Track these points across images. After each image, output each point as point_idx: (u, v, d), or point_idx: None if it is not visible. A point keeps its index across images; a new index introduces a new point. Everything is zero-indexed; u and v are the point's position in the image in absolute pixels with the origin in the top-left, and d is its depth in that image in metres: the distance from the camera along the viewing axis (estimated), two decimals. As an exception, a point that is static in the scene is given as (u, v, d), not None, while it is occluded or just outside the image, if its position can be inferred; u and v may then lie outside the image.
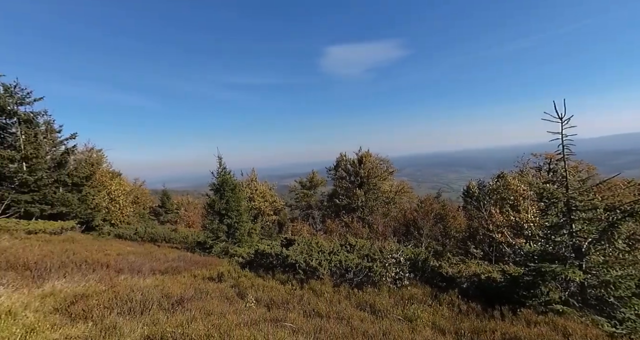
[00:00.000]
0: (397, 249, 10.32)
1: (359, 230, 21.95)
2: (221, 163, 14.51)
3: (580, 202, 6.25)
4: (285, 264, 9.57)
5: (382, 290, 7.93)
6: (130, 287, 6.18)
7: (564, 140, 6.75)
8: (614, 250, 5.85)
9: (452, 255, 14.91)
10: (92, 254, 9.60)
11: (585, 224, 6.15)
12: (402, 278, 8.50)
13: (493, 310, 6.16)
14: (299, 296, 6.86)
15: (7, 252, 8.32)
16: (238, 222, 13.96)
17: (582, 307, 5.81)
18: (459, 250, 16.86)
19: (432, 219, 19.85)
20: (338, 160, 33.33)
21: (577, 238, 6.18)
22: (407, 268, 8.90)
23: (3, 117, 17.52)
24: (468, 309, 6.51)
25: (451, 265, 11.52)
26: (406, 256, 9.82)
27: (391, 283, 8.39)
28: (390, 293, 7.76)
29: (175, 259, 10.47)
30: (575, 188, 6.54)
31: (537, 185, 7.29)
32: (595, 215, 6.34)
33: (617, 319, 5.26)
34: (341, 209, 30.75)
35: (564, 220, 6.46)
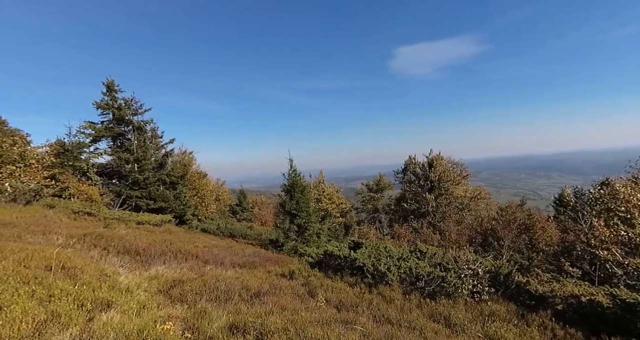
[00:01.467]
0: (474, 260, 9.49)
1: (428, 237, 20.81)
2: (292, 165, 15.21)
3: None
4: (353, 266, 9.59)
5: (458, 302, 7.39)
6: (215, 277, 6.91)
7: None
8: None
9: (542, 272, 13.00)
10: (184, 245, 11.02)
11: None
12: (481, 292, 7.79)
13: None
14: (367, 300, 6.82)
15: (124, 239, 10.07)
16: (307, 222, 14.48)
17: None
18: (549, 266, 14.65)
19: (515, 229, 17.69)
20: (406, 163, 32.11)
21: None
22: (486, 281, 8.12)
23: (122, 125, 21.40)
24: (565, 335, 5.65)
25: (541, 283, 10.07)
26: (485, 268, 8.96)
27: (468, 296, 7.76)
28: (467, 307, 7.19)
29: (251, 255, 11.36)
30: None
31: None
32: None
33: None
34: (409, 214, 29.52)
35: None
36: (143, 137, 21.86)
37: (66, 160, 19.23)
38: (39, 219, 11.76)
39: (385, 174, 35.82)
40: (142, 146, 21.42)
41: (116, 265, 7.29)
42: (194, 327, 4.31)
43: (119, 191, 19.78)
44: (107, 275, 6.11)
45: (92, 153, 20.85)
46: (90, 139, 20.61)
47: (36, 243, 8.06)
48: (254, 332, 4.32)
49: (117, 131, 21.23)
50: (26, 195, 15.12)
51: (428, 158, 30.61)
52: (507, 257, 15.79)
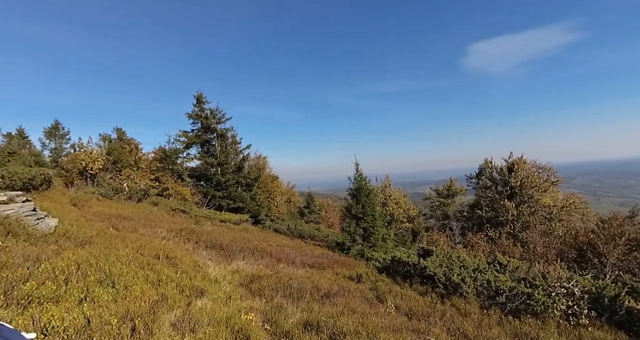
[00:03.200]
0: (568, 277, 8.17)
1: (508, 248, 18.58)
2: (358, 169, 15.24)
3: None
4: (423, 275, 9.13)
5: (548, 324, 6.45)
6: (288, 275, 7.29)
7: None
8: None
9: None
10: (259, 243, 11.89)
11: None
12: (578, 314, 6.67)
13: None
14: (440, 311, 6.43)
15: (210, 235, 11.33)
16: (373, 226, 14.29)
17: None
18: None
19: (623, 244, 14.63)
20: (482, 167, 29.31)
21: None
22: (584, 303, 6.92)
23: (208, 133, 24.21)
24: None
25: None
26: (583, 288, 7.64)
27: (561, 318, 6.71)
28: (560, 330, 6.25)
29: (319, 256, 11.69)
30: None
31: None
32: None
33: None
34: (485, 222, 26.79)
35: None
36: (225, 143, 24.39)
37: (166, 165, 22.56)
38: (147, 214, 14.03)
39: (457, 178, 33.23)
40: (224, 151, 23.91)
41: (205, 258, 8.26)
42: (272, 321, 4.64)
43: (206, 192, 22.37)
44: (199, 266, 6.99)
45: (185, 158, 24.06)
46: (183, 146, 23.82)
47: (146, 235, 9.64)
48: (327, 332, 4.45)
49: (204, 138, 24.12)
50: (138, 194, 18.18)
51: (508, 162, 27.44)
52: (611, 277, 13.16)
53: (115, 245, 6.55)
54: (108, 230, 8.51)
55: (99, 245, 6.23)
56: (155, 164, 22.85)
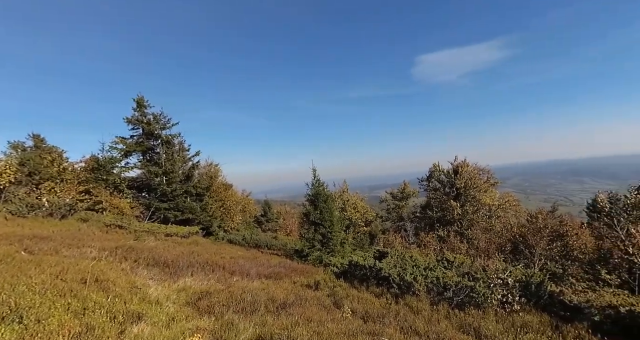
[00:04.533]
0: (503, 269, 9.21)
1: (456, 246, 20.23)
2: (315, 175, 15.46)
3: None
4: (379, 276, 9.57)
5: (488, 313, 7.20)
6: (242, 289, 7.11)
7: None
8: None
9: (576, 281, 12.30)
10: (211, 256, 11.40)
11: None
12: (512, 302, 7.56)
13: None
14: (394, 311, 6.81)
15: (153, 251, 10.53)
16: (331, 232, 14.59)
17: None
18: (585, 275, 13.82)
19: (547, 236, 16.87)
20: (431, 170, 31.61)
21: None
22: (517, 291, 7.87)
23: (151, 140, 22.57)
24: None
25: (576, 293, 9.57)
26: (515, 277, 8.68)
27: (498, 306, 7.55)
28: (497, 318, 7.00)
29: (276, 265, 11.58)
30: None
31: None
32: None
33: None
34: (435, 222, 28.85)
35: None
36: (171, 151, 22.94)
37: (99, 175, 20.45)
38: (73, 233, 12.54)
39: (410, 181, 35.35)
40: (170, 159, 22.49)
41: (146, 278, 7.66)
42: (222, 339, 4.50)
43: (149, 204, 20.78)
44: (137, 288, 6.45)
45: (123, 167, 22.07)
46: (121, 154, 21.79)
47: (71, 256, 8.59)
48: (281, 344, 4.46)
49: (146, 145, 22.39)
50: (62, 209, 16.16)
51: (453, 165, 29.98)
52: (539, 265, 15.07)
53: (26, 272, 5.76)
54: (18, 255, 7.42)
55: (3, 274, 5.43)
56: (85, 174, 20.64)
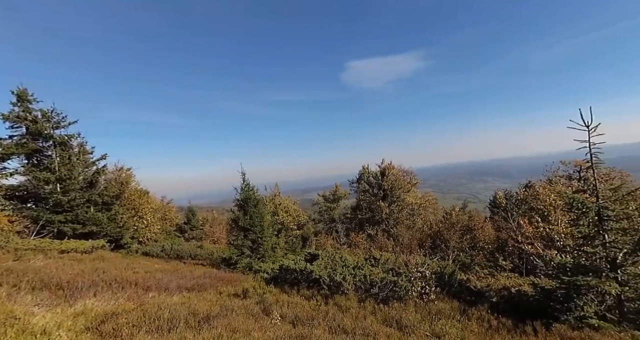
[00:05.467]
0: (422, 263, 10.21)
1: (383, 243, 21.71)
2: (244, 179, 15.02)
3: (612, 212, 6.08)
4: (310, 279, 9.71)
5: (409, 305, 7.89)
6: (158, 305, 6.47)
7: (592, 148, 6.63)
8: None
9: (481, 268, 14.41)
10: (121, 272, 10.15)
11: (619, 234, 5.95)
12: (429, 292, 8.42)
13: (525, 326, 6.01)
14: (324, 312, 6.97)
15: (42, 272, 8.90)
16: (261, 237, 14.29)
17: (621, 321, 5.56)
18: (487, 262, 16.30)
19: (459, 230, 19.36)
20: (361, 172, 33.39)
21: (611, 249, 5.97)
22: (433, 282, 8.80)
23: (40, 141, 18.99)
24: (499, 325, 6.37)
25: (479, 279, 11.19)
26: (432, 270, 9.69)
27: (417, 298, 8.33)
28: (416, 308, 7.71)
29: (201, 276, 10.86)
30: (607, 197, 6.37)
31: (567, 194, 7.12)
32: (631, 225, 6.12)
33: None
34: (365, 222, 30.50)
35: (595, 231, 6.28)
36: (68, 154, 19.61)
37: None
38: None
39: (341, 183, 36.80)
40: (67, 164, 19.22)
41: (30, 304, 6.40)
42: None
43: (36, 216, 17.41)
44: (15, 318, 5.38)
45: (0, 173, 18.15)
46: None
47: None
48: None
49: (32, 147, 18.72)
50: None
51: (380, 167, 32.20)
52: (452, 257, 17.17)
53: None
54: None
55: None
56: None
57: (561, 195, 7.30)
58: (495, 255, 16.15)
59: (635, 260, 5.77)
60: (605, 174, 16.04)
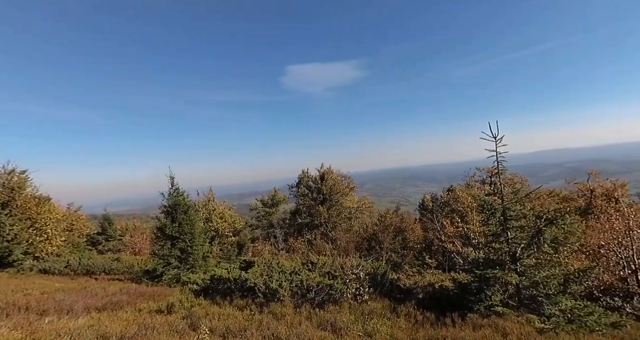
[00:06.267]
0: (357, 264, 10.62)
1: (322, 247, 22.06)
2: (173, 183, 13.96)
3: (513, 212, 7.12)
4: (244, 288, 9.37)
5: (343, 307, 8.11)
6: (56, 332, 5.60)
7: (498, 157, 7.70)
8: (541, 254, 6.72)
9: (410, 267, 15.60)
10: (5, 295, 8.57)
11: (518, 231, 7.00)
12: (362, 293, 8.77)
13: (445, 318, 6.65)
14: (258, 321, 6.77)
15: None
16: (192, 246, 13.36)
17: (519, 306, 6.53)
18: (416, 261, 17.72)
19: (392, 232, 20.68)
20: (300, 177, 33.53)
21: (512, 244, 6.99)
22: (366, 283, 9.21)
23: None
24: (423, 319, 6.92)
25: (408, 277, 12.09)
26: (366, 271, 10.14)
27: (352, 299, 8.61)
28: (351, 309, 7.96)
29: (116, 293, 9.69)
30: (509, 199, 7.44)
31: (479, 197, 8.13)
32: (527, 223, 7.24)
33: (546, 316, 6.01)
34: (304, 227, 30.65)
35: (501, 229, 7.28)
36: None
37: None
38: None
39: (281, 188, 36.46)
40: None
41: None
42: None
43: None
44: None
45: None
46: None
47: None
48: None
49: None
50: None
51: (320, 172, 32.80)
52: (386, 258, 18.25)
53: None
54: None
55: None
56: None
57: (475, 198, 8.30)
58: (423, 254, 17.63)
59: (529, 253, 6.86)
60: (509, 179, 18.86)
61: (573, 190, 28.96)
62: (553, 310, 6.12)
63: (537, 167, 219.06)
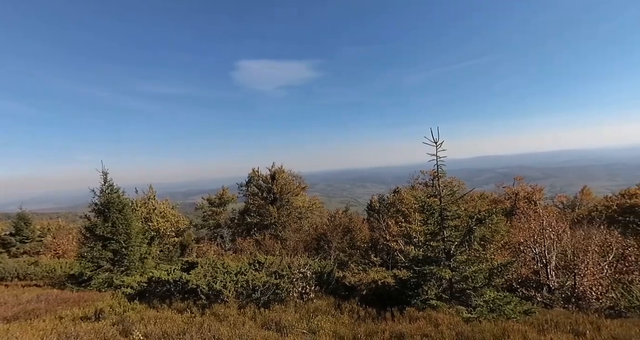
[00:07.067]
0: (304, 264, 10.71)
1: (271, 247, 21.84)
2: (106, 179, 12.78)
3: (449, 212, 7.78)
4: (186, 290, 8.93)
5: (289, 306, 8.13)
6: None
7: (438, 161, 8.33)
8: (472, 251, 7.46)
9: (356, 265, 16.17)
10: None
11: (452, 230, 7.67)
12: (309, 292, 8.88)
13: (386, 313, 7.02)
14: (198, 324, 6.49)
15: None
16: (127, 247, 12.32)
17: (451, 299, 7.17)
18: (363, 259, 18.42)
19: (341, 232, 21.22)
20: (250, 175, 32.80)
21: (447, 242, 7.64)
22: (313, 281, 9.33)
23: None
24: (366, 314, 7.24)
25: (354, 275, 12.53)
26: (313, 270, 10.28)
27: (298, 298, 8.67)
28: (296, 308, 8.01)
29: (32, 300, 8.59)
30: (447, 201, 8.10)
31: (420, 198, 8.73)
32: (461, 223, 7.95)
33: (472, 306, 6.69)
34: (253, 226, 30.06)
35: (439, 228, 7.90)
36: None
37: None
38: None
39: (230, 187, 35.33)
40: None
41: None
42: None
43: None
44: None
45: None
46: None
47: None
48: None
49: None
50: None
51: (271, 171, 32.40)
52: (334, 257, 18.68)
53: None
54: None
55: None
56: None
57: (417, 199, 8.89)
58: (369, 252, 18.39)
59: (462, 250, 7.56)
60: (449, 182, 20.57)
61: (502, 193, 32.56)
62: (479, 301, 6.83)
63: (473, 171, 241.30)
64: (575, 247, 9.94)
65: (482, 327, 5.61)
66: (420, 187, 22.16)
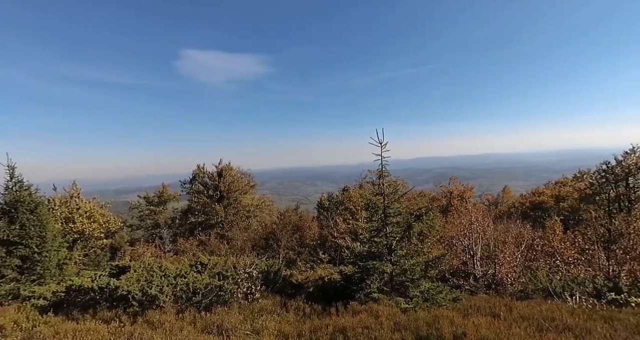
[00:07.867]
0: (251, 263, 10.43)
1: (216, 248, 20.93)
2: (14, 174, 11.04)
3: (392, 210, 8.16)
4: (115, 297, 8.10)
5: (233, 307, 7.84)
6: None
7: (383, 161, 8.68)
8: (411, 245, 7.94)
9: (304, 263, 16.25)
10: None
11: (394, 226, 8.07)
12: (254, 292, 8.66)
13: (331, 308, 7.13)
14: (128, 333, 5.92)
15: None
16: (40, 252, 10.77)
17: (391, 292, 7.56)
18: (311, 257, 18.57)
19: (290, 230, 21.13)
20: (195, 172, 31.05)
21: (389, 238, 8.02)
22: (259, 281, 9.13)
23: None
24: (311, 311, 7.28)
25: (301, 272, 12.55)
26: (260, 269, 10.06)
27: (243, 299, 8.41)
28: (241, 309, 7.76)
29: None
30: (390, 199, 8.49)
31: (366, 196, 9.03)
32: (402, 219, 8.39)
33: (410, 297, 7.14)
34: (197, 226, 28.54)
35: (382, 225, 8.25)
36: None
37: None
38: None
39: (171, 184, 33.04)
40: None
41: None
42: None
43: None
44: None
45: None
46: None
47: None
48: None
49: None
50: None
51: (218, 168, 31.02)
52: (282, 255, 18.53)
53: None
54: None
55: None
56: None
57: (363, 197, 9.18)
58: (317, 250, 18.60)
59: (402, 245, 8.00)
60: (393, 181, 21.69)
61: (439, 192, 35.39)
62: (415, 292, 7.31)
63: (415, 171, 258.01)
64: (497, 239, 11.17)
65: (417, 316, 6.00)
66: (367, 186, 23.06)
